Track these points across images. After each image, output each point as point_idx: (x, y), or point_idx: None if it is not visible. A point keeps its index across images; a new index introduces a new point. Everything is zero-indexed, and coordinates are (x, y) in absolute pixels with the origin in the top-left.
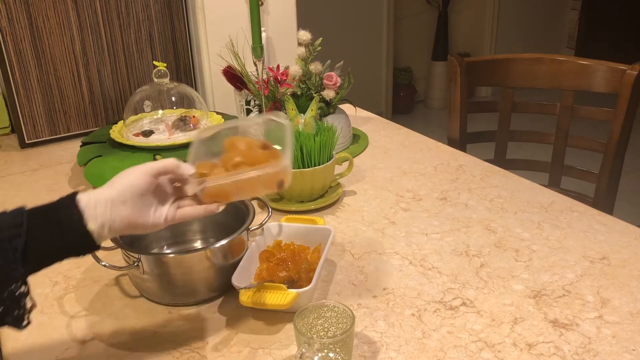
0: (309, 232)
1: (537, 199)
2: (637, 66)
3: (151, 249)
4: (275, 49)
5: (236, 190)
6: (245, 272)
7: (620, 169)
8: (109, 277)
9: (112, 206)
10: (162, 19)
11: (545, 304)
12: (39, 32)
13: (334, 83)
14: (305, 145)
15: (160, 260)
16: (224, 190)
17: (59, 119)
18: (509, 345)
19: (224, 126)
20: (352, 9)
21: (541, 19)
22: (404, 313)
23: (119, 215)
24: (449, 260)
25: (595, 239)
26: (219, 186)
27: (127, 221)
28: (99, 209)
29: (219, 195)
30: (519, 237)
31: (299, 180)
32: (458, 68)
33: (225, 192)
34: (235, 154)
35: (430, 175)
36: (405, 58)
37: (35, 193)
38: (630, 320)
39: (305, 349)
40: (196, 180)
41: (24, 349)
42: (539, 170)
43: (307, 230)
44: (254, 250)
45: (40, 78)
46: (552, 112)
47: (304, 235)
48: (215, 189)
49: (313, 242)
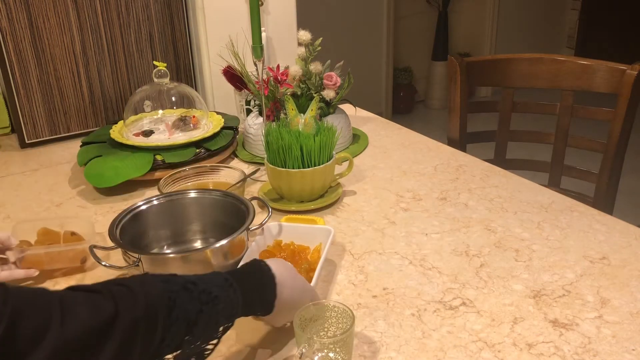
0: (309, 232)
1: (537, 199)
2: (637, 66)
3: (151, 249)
4: (275, 49)
5: (48, 259)
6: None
7: (620, 169)
8: (109, 277)
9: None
10: (162, 19)
11: (545, 304)
12: (39, 32)
13: (334, 83)
14: (305, 145)
15: (160, 260)
16: (38, 259)
17: (59, 119)
18: (509, 345)
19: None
20: (352, 9)
21: (541, 19)
22: (404, 313)
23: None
24: (449, 260)
25: (595, 239)
26: (35, 255)
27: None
28: None
29: (34, 262)
30: (519, 237)
31: (299, 180)
32: (458, 68)
33: (39, 260)
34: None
35: (430, 175)
36: (405, 58)
37: (35, 193)
38: (630, 320)
39: (305, 349)
40: (18, 249)
41: None
42: (539, 170)
43: (307, 230)
44: (254, 250)
45: (40, 78)
46: (552, 112)
47: (304, 235)
48: (32, 257)
49: (313, 242)
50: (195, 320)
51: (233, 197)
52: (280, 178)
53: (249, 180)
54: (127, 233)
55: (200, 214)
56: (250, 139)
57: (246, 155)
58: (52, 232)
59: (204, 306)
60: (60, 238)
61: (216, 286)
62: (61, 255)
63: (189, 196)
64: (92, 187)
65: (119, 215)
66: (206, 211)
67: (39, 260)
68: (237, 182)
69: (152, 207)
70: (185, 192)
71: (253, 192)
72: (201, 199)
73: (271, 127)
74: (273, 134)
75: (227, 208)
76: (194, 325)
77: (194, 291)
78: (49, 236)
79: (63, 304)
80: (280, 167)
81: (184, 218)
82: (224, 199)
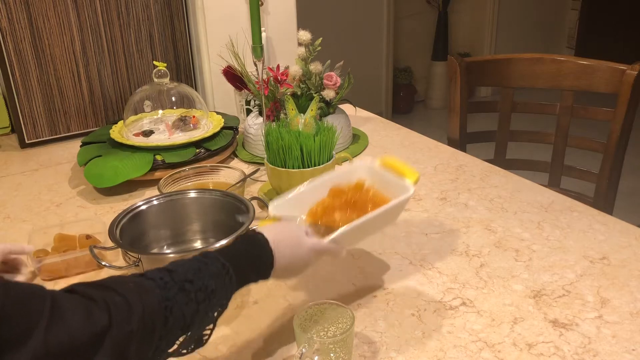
0: (391, 184)
1: (537, 199)
2: (637, 66)
3: (151, 249)
4: (275, 49)
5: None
6: (306, 199)
7: (620, 169)
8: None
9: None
10: (162, 19)
11: (545, 304)
12: (39, 32)
13: (334, 83)
14: (305, 145)
15: (160, 260)
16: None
17: (59, 119)
18: (508, 345)
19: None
20: (352, 8)
21: (541, 19)
22: (404, 313)
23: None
24: (449, 260)
25: (595, 239)
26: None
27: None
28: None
29: (52, 271)
30: (519, 237)
31: (299, 180)
32: (458, 68)
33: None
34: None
35: (430, 175)
36: (405, 58)
37: (35, 193)
38: (630, 320)
39: (305, 349)
40: (36, 259)
41: None
42: (539, 170)
43: (391, 181)
44: (329, 179)
45: (40, 78)
46: (552, 112)
47: (387, 186)
48: (49, 265)
49: (394, 194)
50: (191, 321)
51: (233, 197)
52: (280, 178)
53: (249, 180)
54: (127, 233)
55: (200, 214)
56: (250, 139)
57: (246, 155)
58: (67, 237)
59: (201, 305)
60: (76, 242)
61: (213, 277)
62: (78, 261)
63: (189, 196)
64: (92, 187)
65: (119, 215)
66: (206, 211)
67: (56, 268)
68: (237, 182)
69: (152, 207)
70: (185, 192)
71: (253, 192)
72: (201, 199)
73: (271, 127)
74: (273, 134)
75: (227, 208)
76: (190, 325)
77: (191, 291)
78: (65, 241)
79: (54, 308)
80: (280, 167)
81: (184, 218)
82: (224, 199)
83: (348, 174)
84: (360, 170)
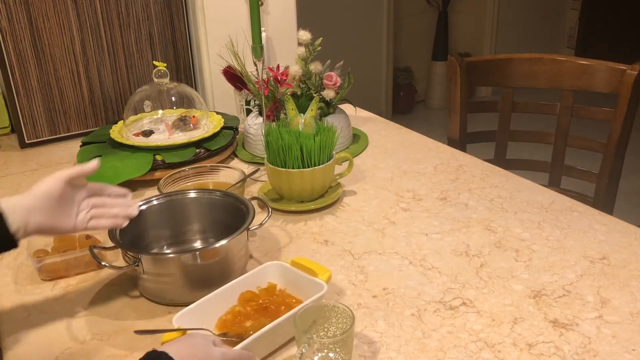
0: (303, 284)
1: (537, 199)
2: (637, 66)
3: (151, 249)
4: (275, 49)
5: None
6: (213, 307)
7: (620, 169)
8: (109, 277)
9: (27, 213)
10: (162, 19)
11: (545, 304)
12: (39, 32)
13: (334, 83)
14: (305, 145)
15: (160, 260)
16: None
17: (59, 119)
18: (509, 345)
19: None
20: (352, 9)
21: (541, 19)
22: (404, 313)
23: (33, 221)
24: (449, 260)
25: (595, 239)
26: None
27: (42, 226)
28: (16, 214)
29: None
30: (519, 237)
31: (299, 180)
32: (458, 68)
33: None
34: None
35: (430, 175)
36: (405, 58)
37: None
38: (630, 320)
39: (305, 349)
40: (36, 259)
41: (24, 348)
42: (539, 170)
43: (302, 281)
44: (237, 284)
45: (40, 78)
46: (552, 112)
47: (299, 287)
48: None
49: (307, 295)
50: None
51: (233, 197)
52: (280, 178)
53: (249, 180)
54: (127, 233)
55: (200, 214)
56: (250, 139)
57: (246, 155)
58: (67, 237)
59: None
60: (76, 242)
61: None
62: (78, 261)
63: (189, 196)
64: None
65: None
66: (206, 211)
67: (56, 268)
68: (237, 182)
69: (152, 207)
70: (185, 192)
71: (253, 192)
72: (201, 199)
73: (271, 127)
74: (273, 134)
75: (227, 208)
76: None
77: None
78: (65, 242)
79: None
80: (280, 167)
81: (184, 218)
82: (224, 199)
83: (258, 277)
84: (270, 273)
